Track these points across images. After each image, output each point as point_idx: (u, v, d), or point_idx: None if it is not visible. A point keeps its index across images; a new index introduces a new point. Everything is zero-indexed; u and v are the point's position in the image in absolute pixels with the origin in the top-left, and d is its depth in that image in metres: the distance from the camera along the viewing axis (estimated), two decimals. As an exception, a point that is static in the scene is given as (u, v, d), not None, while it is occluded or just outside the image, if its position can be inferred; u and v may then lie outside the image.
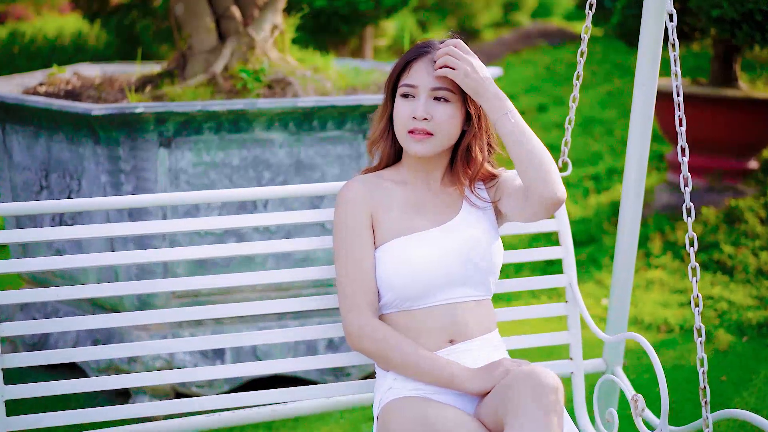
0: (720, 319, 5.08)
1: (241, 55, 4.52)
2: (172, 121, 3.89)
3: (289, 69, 4.53)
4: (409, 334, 2.64)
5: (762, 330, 4.93)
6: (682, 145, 2.66)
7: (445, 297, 2.65)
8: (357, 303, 2.64)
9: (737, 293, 5.37)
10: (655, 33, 3.02)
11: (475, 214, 2.73)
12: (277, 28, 4.68)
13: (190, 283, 2.85)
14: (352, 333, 2.63)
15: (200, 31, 4.56)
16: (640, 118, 3.09)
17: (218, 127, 3.98)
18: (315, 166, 4.13)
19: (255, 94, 4.28)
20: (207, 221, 2.87)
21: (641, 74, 3.07)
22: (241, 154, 4.05)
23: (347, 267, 2.66)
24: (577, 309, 3.07)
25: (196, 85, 4.36)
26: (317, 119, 4.07)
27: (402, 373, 2.61)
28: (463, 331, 2.66)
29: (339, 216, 2.70)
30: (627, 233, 3.19)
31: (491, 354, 2.69)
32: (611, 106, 8.83)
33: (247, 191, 2.92)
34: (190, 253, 2.84)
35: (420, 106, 2.62)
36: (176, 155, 3.97)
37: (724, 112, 6.67)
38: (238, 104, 3.92)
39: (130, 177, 3.95)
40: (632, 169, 3.14)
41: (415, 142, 2.63)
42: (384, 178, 2.76)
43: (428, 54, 2.66)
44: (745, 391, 4.28)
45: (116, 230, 2.78)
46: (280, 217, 2.92)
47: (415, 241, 2.65)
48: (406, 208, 2.70)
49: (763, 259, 5.73)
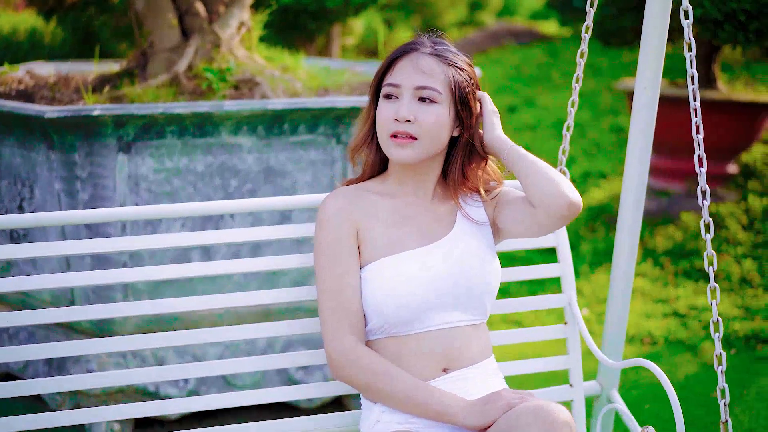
0: (705, 331, 4.89)
1: (205, 53, 4.25)
2: (132, 124, 3.61)
3: (257, 68, 4.27)
4: (400, 362, 2.40)
5: (749, 342, 4.74)
6: (700, 154, 2.44)
7: (438, 321, 2.41)
8: (340, 328, 2.39)
9: (722, 303, 5.17)
10: (660, 31, 2.81)
11: (470, 231, 2.50)
12: (244, 25, 4.41)
13: (153, 308, 2.59)
14: (336, 361, 2.38)
15: (162, 27, 4.28)
16: (642, 126, 2.88)
17: (182, 130, 3.71)
18: (286, 173, 3.87)
19: (221, 95, 4.02)
20: (171, 238, 2.61)
21: (643, 76, 2.86)
22: (206, 160, 3.78)
23: (330, 289, 2.41)
24: (576, 331, 2.84)
25: (157, 86, 4.08)
26: (288, 122, 3.82)
27: (391, 404, 2.37)
28: (458, 359, 2.43)
29: (320, 233, 2.45)
30: (625, 253, 2.97)
31: (489, 383, 2.46)
32: (583, 107, 8.63)
33: (213, 204, 2.66)
34: (152, 274, 2.58)
35: (403, 106, 2.38)
36: (136, 161, 3.69)
37: (704, 115, 6.47)
38: (203, 106, 3.66)
39: (86, 184, 3.68)
40: (631, 191, 2.92)
41: (396, 147, 2.40)
42: (368, 190, 2.51)
43: (414, 51, 2.43)
44: (737, 408, 4.08)
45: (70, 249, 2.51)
46: (249, 233, 2.67)
47: (405, 260, 2.41)
48: (393, 224, 2.46)
49: (746, 266, 5.55)
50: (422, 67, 2.39)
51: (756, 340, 4.73)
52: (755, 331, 4.79)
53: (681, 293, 5.34)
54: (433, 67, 2.40)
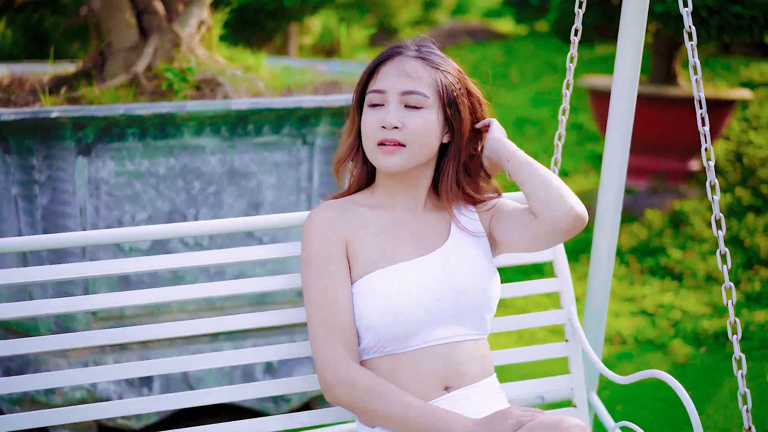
0: (675, 329, 4.85)
1: (165, 53, 4.12)
2: (91, 126, 3.49)
3: (218, 68, 4.15)
4: (397, 382, 2.25)
5: (719, 340, 4.71)
6: (707, 147, 2.39)
7: (436, 337, 2.27)
8: (333, 347, 2.24)
9: (689, 300, 5.14)
10: (638, 27, 2.75)
11: (466, 241, 2.37)
12: (203, 23, 4.29)
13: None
14: (329, 383, 2.23)
15: (120, 26, 4.15)
16: (620, 124, 2.83)
17: (143, 132, 3.59)
18: (250, 175, 3.77)
19: (182, 95, 3.90)
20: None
21: (621, 73, 2.81)
22: (168, 163, 3.67)
23: (320, 307, 2.26)
24: (578, 349, 2.72)
25: (116, 87, 3.95)
26: (252, 123, 3.71)
27: (390, 427, 2.21)
28: (460, 376, 2.29)
29: (307, 248, 2.31)
30: (603, 258, 2.92)
31: (492, 403, 2.31)
32: (542, 105, 8.60)
33: (180, 227, 2.52)
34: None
35: (390, 113, 2.25)
36: (96, 164, 3.57)
37: (666, 112, 6.48)
38: (165, 107, 3.54)
39: (44, 189, 3.55)
40: (610, 191, 2.86)
41: (384, 155, 2.27)
42: (356, 203, 2.38)
43: (398, 55, 2.30)
44: (710, 407, 4.04)
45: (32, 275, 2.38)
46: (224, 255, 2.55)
47: (400, 271, 2.27)
48: (385, 236, 2.32)
49: (711, 264, 5.53)
50: (408, 71, 2.28)
51: (726, 337, 4.70)
52: (724, 329, 4.75)
53: (648, 291, 5.30)
54: (419, 70, 2.28)
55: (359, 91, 2.35)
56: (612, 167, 2.86)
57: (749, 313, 4.94)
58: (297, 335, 3.91)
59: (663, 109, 6.47)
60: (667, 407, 4.02)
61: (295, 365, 3.93)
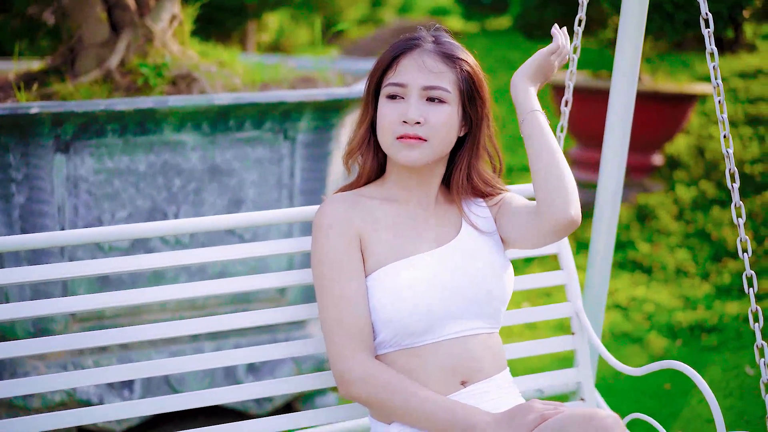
0: (649, 323, 4.86)
1: (138, 48, 4.04)
2: (70, 122, 3.40)
3: (193, 64, 4.08)
4: (414, 376, 2.22)
5: (694, 332, 4.73)
6: (731, 168, 2.34)
7: (452, 330, 2.24)
8: (349, 344, 2.20)
9: (661, 293, 5.16)
10: (638, 24, 2.74)
11: (478, 234, 2.34)
12: (175, 18, 4.21)
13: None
14: (345, 379, 2.19)
15: (90, 22, 4.06)
16: (620, 122, 2.82)
17: (123, 128, 3.51)
18: (232, 172, 3.70)
19: (158, 91, 3.82)
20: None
21: (620, 71, 2.81)
22: (148, 159, 3.59)
23: (335, 303, 2.22)
24: (585, 342, 2.69)
25: (90, 83, 3.87)
26: (233, 118, 3.65)
27: (408, 422, 2.17)
28: (477, 370, 2.25)
29: (320, 244, 2.26)
30: (602, 246, 2.90)
31: (511, 396, 2.28)
32: (500, 101, 8.59)
33: (161, 225, 2.46)
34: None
35: (411, 107, 2.21)
36: (75, 161, 3.48)
37: (628, 106, 6.50)
38: (147, 102, 3.46)
39: (22, 187, 3.45)
40: (608, 188, 2.85)
41: (405, 148, 2.22)
42: (367, 195, 2.34)
43: (418, 47, 2.26)
44: (693, 399, 4.05)
45: (8, 277, 2.29)
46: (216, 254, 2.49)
47: (416, 264, 2.23)
48: (398, 229, 2.29)
49: (679, 256, 5.56)
50: (429, 66, 2.24)
51: (700, 329, 4.72)
52: (699, 321, 4.77)
53: (619, 285, 5.31)
54: (440, 65, 2.25)
55: (375, 81, 2.30)
56: (611, 165, 2.87)
57: (722, 304, 4.97)
58: (279, 334, 3.85)
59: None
60: (646, 398, 4.03)
61: (278, 363, 3.87)
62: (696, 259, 5.54)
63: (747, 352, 4.44)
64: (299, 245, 2.51)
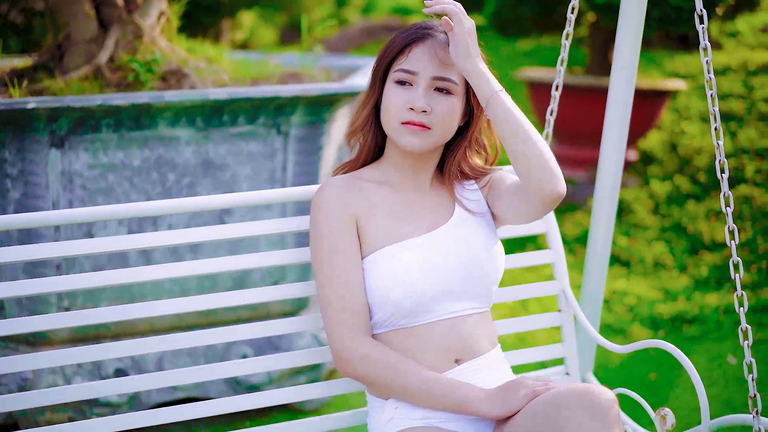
0: (631, 314, 4.94)
1: (127, 44, 4.04)
2: (66, 117, 3.40)
3: (182, 60, 4.09)
4: (409, 355, 2.29)
5: (675, 323, 4.81)
6: (721, 160, 2.40)
7: (446, 311, 2.31)
8: (346, 323, 2.27)
9: (641, 286, 5.24)
10: (638, 19, 2.78)
11: (471, 217, 2.41)
12: (163, 14, 4.22)
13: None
14: (344, 358, 2.26)
15: (78, 18, 4.05)
16: (618, 118, 2.87)
17: (117, 123, 3.52)
18: (225, 166, 3.72)
19: (149, 87, 3.83)
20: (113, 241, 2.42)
21: (619, 66, 2.85)
22: (142, 154, 3.60)
23: (332, 283, 2.28)
24: (571, 318, 2.77)
25: (80, 78, 3.87)
26: (227, 113, 3.67)
27: (405, 398, 2.26)
28: (470, 349, 2.33)
29: (318, 225, 2.33)
30: (601, 241, 2.95)
31: (499, 373, 2.36)
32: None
33: (151, 205, 2.45)
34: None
35: (419, 96, 2.27)
36: (70, 156, 3.49)
37: (603, 103, 6.57)
38: (143, 97, 3.47)
39: (17, 182, 3.45)
40: (608, 172, 2.90)
41: (409, 134, 2.28)
42: (363, 178, 2.40)
43: (431, 37, 2.30)
44: (677, 389, 4.12)
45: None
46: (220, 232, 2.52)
47: (411, 247, 2.30)
48: (393, 212, 2.35)
49: (657, 250, 5.64)
50: (441, 57, 2.28)
51: (681, 320, 4.80)
52: (680, 313, 4.86)
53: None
54: (450, 57, 2.28)
55: (385, 65, 2.34)
56: (610, 160, 2.90)
57: (701, 296, 5.06)
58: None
59: (598, 100, 6.56)
60: (633, 388, 4.09)
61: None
62: (673, 252, 5.63)
63: (728, 342, 4.53)
64: (294, 224, 2.52)
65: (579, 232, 6.00)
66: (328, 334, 2.29)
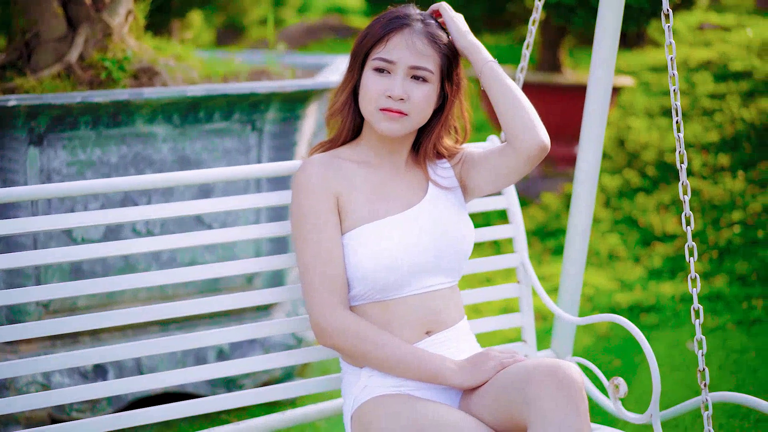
0: (591, 304, 5.07)
1: (96, 42, 4.05)
2: (45, 115, 3.42)
3: (152, 58, 4.12)
4: (383, 327, 2.45)
5: (634, 312, 4.94)
6: (681, 151, 2.51)
7: (420, 285, 2.47)
8: (326, 296, 2.41)
9: (598, 277, 5.38)
10: (616, 15, 2.89)
11: (443, 194, 2.57)
12: (131, 13, 4.25)
13: (65, 290, 2.46)
14: (323, 329, 2.41)
15: (46, 17, 4.06)
16: (598, 112, 2.97)
17: (95, 121, 3.55)
18: (201, 162, 3.76)
19: (122, 84, 3.86)
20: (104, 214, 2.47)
21: (598, 63, 2.94)
22: (120, 151, 3.63)
23: (313, 258, 2.42)
24: (529, 290, 2.97)
25: (51, 76, 3.88)
26: (203, 110, 3.71)
27: (380, 368, 2.41)
28: (440, 321, 2.50)
29: (299, 202, 2.45)
30: (580, 224, 3.06)
31: (468, 343, 2.56)
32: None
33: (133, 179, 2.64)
34: (66, 255, 2.46)
35: (397, 84, 2.42)
36: (48, 154, 3.51)
37: (551, 98, 6.72)
38: (122, 94, 3.51)
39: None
40: (587, 160, 3.01)
41: (387, 120, 2.43)
42: (342, 157, 2.53)
43: (409, 27, 2.44)
44: (642, 375, 4.25)
45: None
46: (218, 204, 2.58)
47: (389, 225, 2.45)
48: (371, 191, 2.50)
49: (611, 242, 5.78)
50: (418, 48, 2.42)
51: (639, 309, 4.94)
52: (637, 302, 5.00)
53: (556, 270, 5.50)
54: (427, 48, 2.44)
55: (364, 52, 2.46)
56: (588, 155, 3.00)
57: (656, 285, 5.20)
58: (246, 320, 3.92)
59: (550, 97, 6.71)
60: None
61: (247, 351, 3.94)
62: (626, 243, 5.78)
63: (686, 329, 4.67)
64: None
65: (534, 227, 6.12)
66: (308, 307, 2.42)
